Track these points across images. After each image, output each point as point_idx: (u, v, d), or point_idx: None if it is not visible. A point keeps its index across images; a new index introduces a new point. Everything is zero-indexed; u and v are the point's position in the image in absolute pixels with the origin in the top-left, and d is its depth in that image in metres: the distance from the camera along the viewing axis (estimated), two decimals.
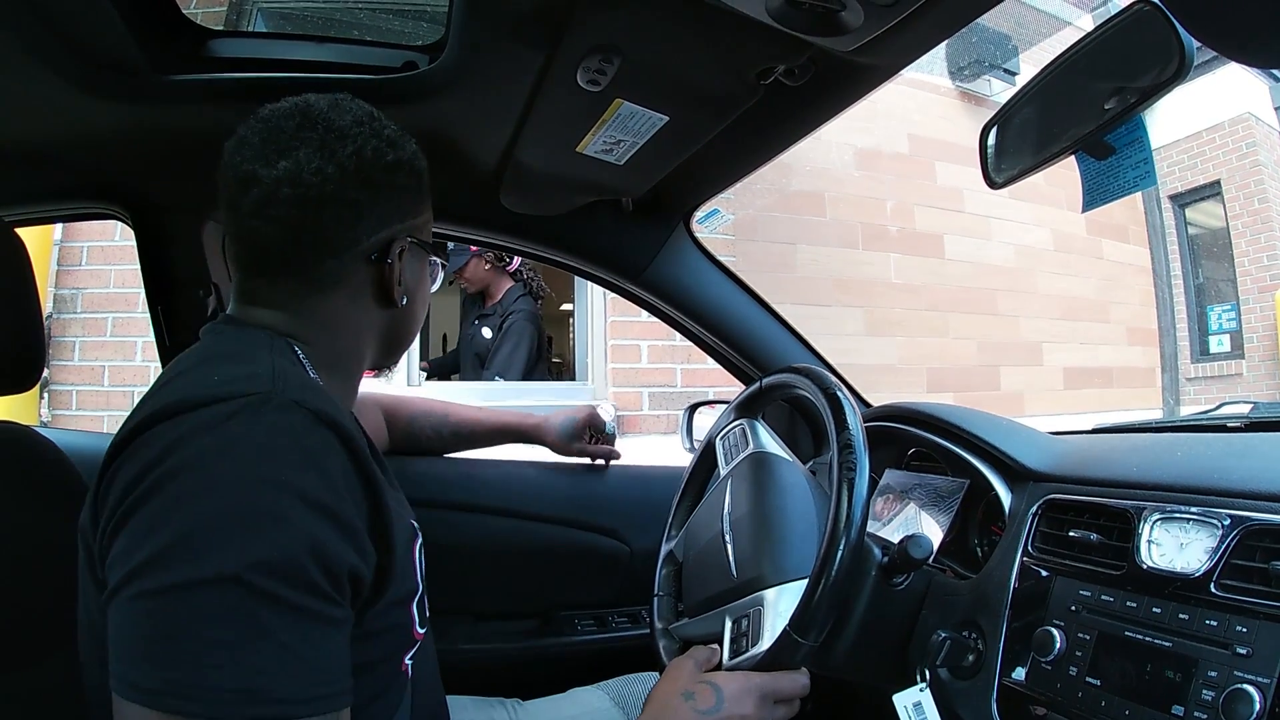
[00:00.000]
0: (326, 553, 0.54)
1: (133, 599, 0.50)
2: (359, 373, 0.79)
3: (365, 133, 0.70)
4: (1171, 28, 0.69)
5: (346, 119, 0.70)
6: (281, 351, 0.66)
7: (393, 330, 0.78)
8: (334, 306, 0.72)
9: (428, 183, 0.78)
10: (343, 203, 0.69)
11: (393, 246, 0.73)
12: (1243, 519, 0.67)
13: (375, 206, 0.71)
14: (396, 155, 0.72)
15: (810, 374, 0.91)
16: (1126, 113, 0.76)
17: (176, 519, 0.51)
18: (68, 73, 0.85)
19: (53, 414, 2.70)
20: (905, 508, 1.08)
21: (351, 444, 0.59)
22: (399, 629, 0.68)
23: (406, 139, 0.74)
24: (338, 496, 0.56)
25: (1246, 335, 6.03)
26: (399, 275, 0.73)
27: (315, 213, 0.68)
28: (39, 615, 0.75)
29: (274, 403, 0.57)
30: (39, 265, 2.56)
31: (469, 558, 1.27)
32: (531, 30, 0.81)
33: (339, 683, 0.54)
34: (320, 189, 0.67)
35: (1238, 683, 0.60)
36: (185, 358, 0.67)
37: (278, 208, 0.67)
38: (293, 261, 0.70)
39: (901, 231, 4.17)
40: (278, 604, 0.51)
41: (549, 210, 1.23)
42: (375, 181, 0.70)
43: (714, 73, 0.84)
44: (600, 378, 3.21)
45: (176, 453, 0.54)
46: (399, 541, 0.63)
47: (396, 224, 0.73)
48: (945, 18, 0.73)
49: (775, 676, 0.78)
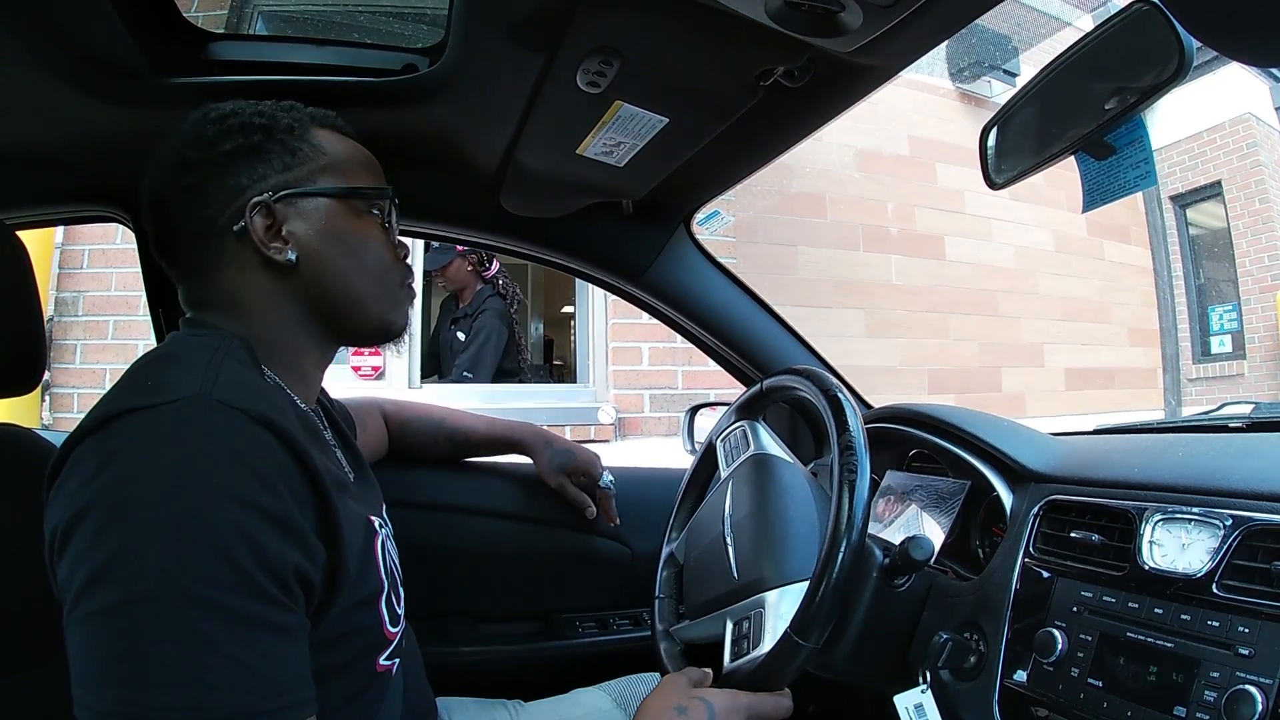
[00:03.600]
0: (266, 554, 0.52)
1: (80, 621, 0.50)
2: (304, 357, 0.75)
3: (187, 127, 0.72)
4: (1171, 27, 0.69)
5: (195, 117, 0.73)
6: (229, 351, 0.64)
7: (312, 292, 0.73)
8: (232, 287, 0.71)
9: (304, 135, 0.74)
10: (181, 192, 0.70)
11: (247, 209, 0.70)
12: (1244, 519, 0.67)
13: (217, 182, 0.70)
14: (220, 127, 0.71)
15: (811, 375, 0.91)
16: (1126, 113, 0.76)
17: (111, 535, 0.50)
18: (68, 75, 0.85)
19: (54, 417, 2.70)
20: (906, 509, 1.08)
21: (288, 440, 0.57)
22: (368, 630, 0.67)
23: (251, 108, 0.73)
24: (275, 496, 0.54)
25: (1248, 335, 6.03)
26: (260, 235, 0.70)
27: (171, 211, 0.71)
28: (40, 618, 0.75)
29: (200, 405, 0.56)
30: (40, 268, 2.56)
31: (471, 560, 1.27)
32: (531, 32, 0.80)
33: (296, 692, 0.53)
34: (164, 190, 0.71)
35: (1240, 683, 0.60)
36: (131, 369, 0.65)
37: (150, 217, 0.73)
38: (178, 261, 0.73)
39: (902, 233, 4.17)
40: (222, 614, 0.49)
41: (549, 212, 1.23)
42: (197, 161, 0.70)
43: (714, 74, 0.84)
44: (601, 380, 3.21)
45: (107, 467, 0.53)
46: (351, 539, 0.61)
47: (251, 187, 0.71)
48: (945, 18, 0.73)
49: (761, 698, 0.78)
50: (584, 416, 3.02)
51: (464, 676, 1.15)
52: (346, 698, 0.66)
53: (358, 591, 0.64)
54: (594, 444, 3.01)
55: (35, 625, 0.75)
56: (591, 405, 3.06)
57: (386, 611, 0.69)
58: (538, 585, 1.33)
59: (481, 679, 1.17)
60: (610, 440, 3.06)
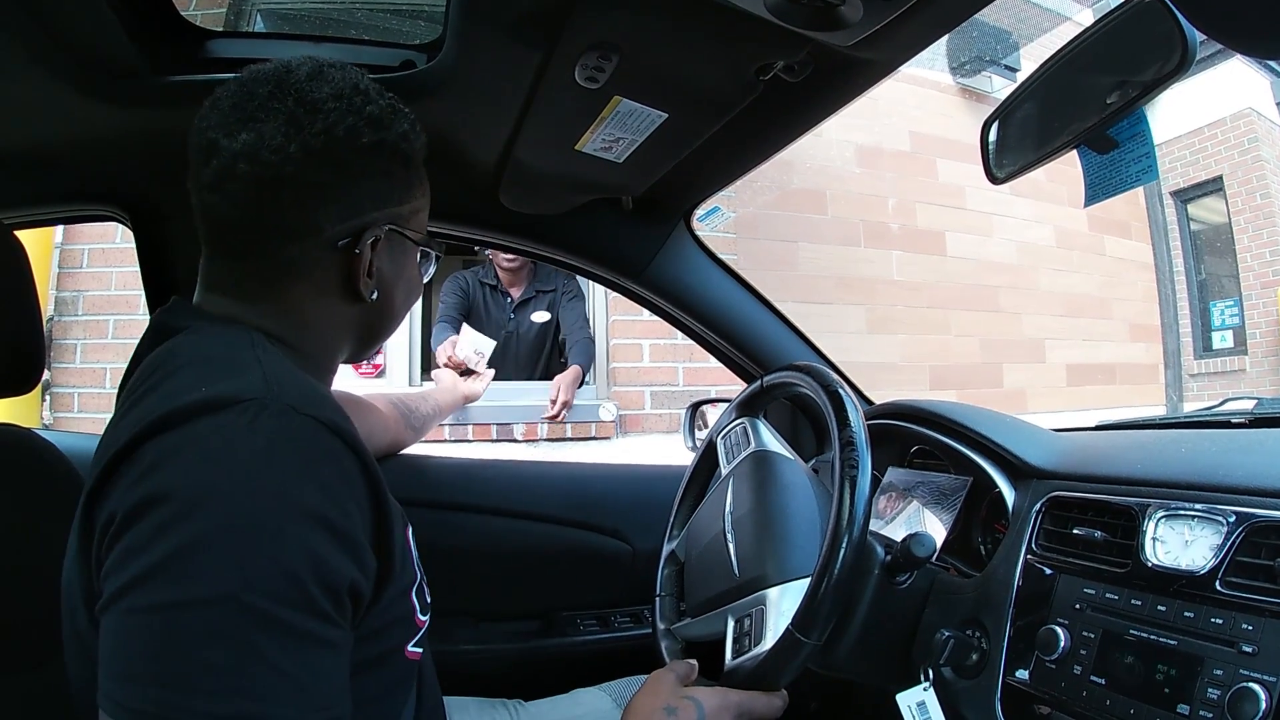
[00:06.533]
0: (327, 569, 0.52)
1: (124, 613, 0.49)
2: (334, 369, 0.75)
3: (342, 108, 0.64)
4: (1174, 20, 0.68)
5: (324, 91, 0.64)
6: (265, 350, 0.62)
7: (366, 326, 0.73)
8: (299, 297, 0.67)
9: (420, 169, 0.73)
10: (305, 185, 0.63)
11: (364, 235, 0.67)
12: (1248, 515, 0.66)
13: (345, 191, 0.65)
14: (377, 136, 0.66)
15: (812, 372, 0.91)
16: (1128, 107, 0.76)
17: (172, 534, 0.49)
18: (66, 75, 0.85)
19: (54, 416, 2.70)
20: (908, 506, 1.08)
21: (355, 447, 0.56)
22: (402, 620, 0.67)
23: (398, 118, 0.68)
24: (339, 507, 0.54)
25: (1249, 331, 6.02)
26: (367, 266, 0.68)
27: (273, 193, 0.63)
28: (41, 618, 0.75)
29: (270, 409, 0.54)
30: (40, 268, 2.57)
31: (471, 559, 1.27)
32: (529, 28, 0.80)
33: (335, 708, 0.52)
34: (279, 169, 0.62)
35: (1243, 681, 0.59)
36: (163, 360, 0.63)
37: (234, 184, 0.62)
38: (252, 245, 0.65)
39: (903, 229, 4.16)
40: (274, 626, 0.49)
41: (549, 209, 1.23)
42: (346, 163, 0.65)
43: (713, 69, 0.84)
44: (602, 377, 3.20)
45: (169, 466, 0.52)
46: (399, 542, 0.61)
47: (371, 211, 0.67)
48: (944, 12, 0.73)
49: (753, 696, 0.77)
50: (585, 414, 3.01)
51: (465, 674, 1.15)
52: (385, 689, 0.65)
53: (398, 585, 0.63)
54: (595, 441, 3.01)
55: (36, 625, 0.76)
56: (592, 402, 3.06)
57: (418, 600, 0.69)
58: (539, 583, 1.33)
59: (483, 677, 1.17)
60: (611, 437, 3.06)
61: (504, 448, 2.91)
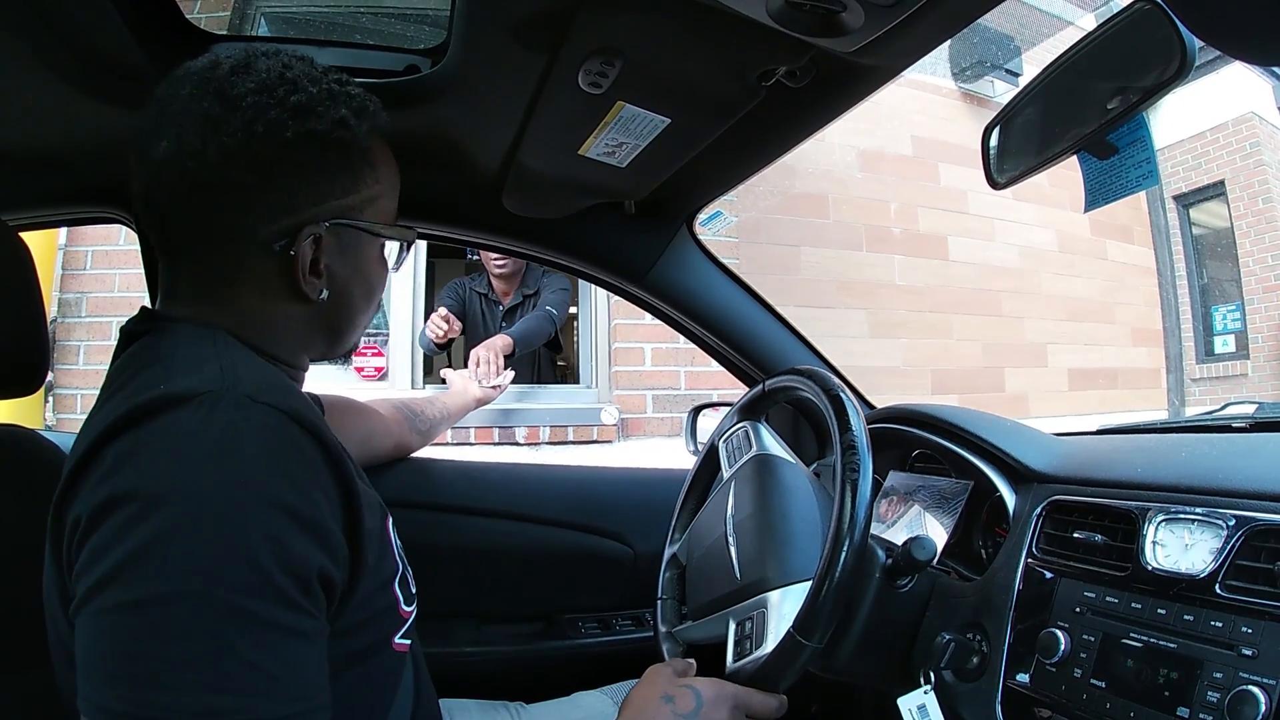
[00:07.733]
0: (293, 556, 0.51)
1: (95, 614, 0.49)
2: (304, 366, 0.73)
3: (263, 103, 0.60)
4: (1173, 26, 0.69)
5: (245, 85, 0.60)
6: (226, 345, 0.62)
7: (325, 324, 0.71)
8: (249, 300, 0.65)
9: (370, 155, 0.69)
10: (227, 188, 0.61)
11: (301, 234, 0.64)
12: (1248, 519, 0.66)
13: (273, 190, 0.62)
14: (304, 127, 0.62)
15: (813, 376, 0.91)
16: (1129, 112, 0.76)
17: (135, 532, 0.49)
18: (71, 77, 0.85)
19: (58, 418, 2.70)
20: (909, 509, 1.08)
21: (316, 434, 0.56)
22: (386, 612, 0.67)
23: (332, 104, 0.63)
24: (302, 495, 0.53)
25: (1251, 335, 6.00)
26: (305, 267, 0.65)
27: (199, 200, 0.61)
28: (41, 618, 0.75)
29: (226, 400, 0.54)
30: (43, 269, 2.57)
31: (473, 561, 1.27)
32: (533, 33, 0.81)
33: (312, 698, 0.52)
34: (197, 175, 0.60)
35: (1243, 684, 0.59)
36: (127, 363, 0.64)
37: (160, 194, 0.61)
38: (190, 252, 0.64)
39: (905, 233, 4.16)
40: (243, 618, 0.48)
41: (551, 213, 1.23)
42: (270, 161, 0.61)
43: (715, 75, 0.84)
44: (604, 381, 3.20)
45: (130, 465, 0.51)
46: (370, 526, 0.60)
47: (309, 207, 0.64)
48: (946, 18, 0.73)
49: (750, 691, 0.77)
50: (587, 417, 3.01)
51: (467, 677, 1.15)
52: (375, 680, 0.65)
53: (377, 577, 0.63)
54: (597, 445, 3.01)
55: (36, 625, 0.76)
56: (594, 406, 3.06)
57: (401, 592, 0.69)
58: (540, 586, 1.33)
59: (484, 679, 1.17)
60: (613, 441, 3.06)
61: (506, 451, 2.91)
